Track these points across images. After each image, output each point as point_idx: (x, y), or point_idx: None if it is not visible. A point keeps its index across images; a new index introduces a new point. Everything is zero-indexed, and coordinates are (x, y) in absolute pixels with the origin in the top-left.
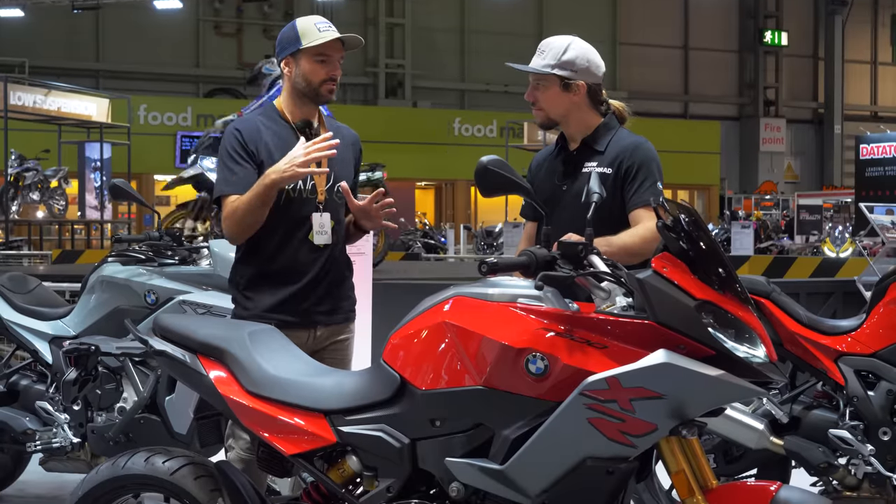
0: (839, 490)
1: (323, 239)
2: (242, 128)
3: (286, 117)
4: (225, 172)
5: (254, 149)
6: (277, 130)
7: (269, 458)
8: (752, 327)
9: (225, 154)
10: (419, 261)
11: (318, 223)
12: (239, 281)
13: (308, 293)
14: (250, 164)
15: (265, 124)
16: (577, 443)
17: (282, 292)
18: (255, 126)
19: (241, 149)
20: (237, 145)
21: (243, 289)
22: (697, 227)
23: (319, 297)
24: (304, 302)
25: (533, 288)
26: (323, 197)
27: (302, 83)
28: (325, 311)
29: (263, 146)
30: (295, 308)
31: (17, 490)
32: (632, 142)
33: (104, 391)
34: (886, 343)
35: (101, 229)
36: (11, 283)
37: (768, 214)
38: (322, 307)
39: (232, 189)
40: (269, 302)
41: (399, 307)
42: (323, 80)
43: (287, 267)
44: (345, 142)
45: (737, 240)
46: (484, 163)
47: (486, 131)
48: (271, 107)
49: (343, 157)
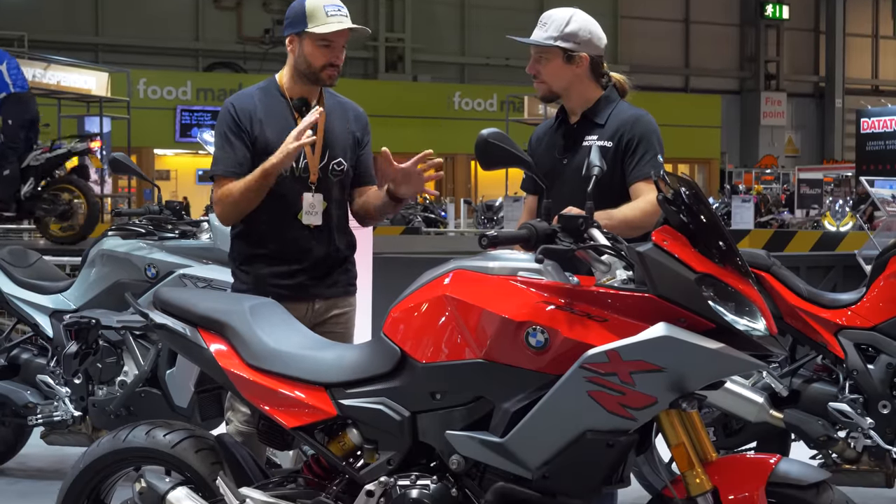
0: (838, 463)
1: (313, 219)
2: (237, 102)
3: (285, 93)
4: (218, 151)
5: (247, 124)
6: (274, 106)
7: (270, 431)
8: (752, 300)
9: (219, 131)
10: (419, 235)
11: (309, 203)
12: (236, 256)
13: (304, 269)
14: (244, 141)
15: (262, 99)
16: (577, 416)
17: (278, 267)
18: (251, 100)
19: (235, 125)
20: (231, 122)
21: (240, 263)
22: (698, 201)
23: (317, 272)
24: (301, 276)
25: (533, 261)
26: (315, 177)
27: (303, 65)
28: (323, 286)
29: (257, 121)
30: (292, 282)
31: (19, 463)
32: (632, 115)
33: (105, 365)
34: (886, 316)
35: (101, 203)
36: (12, 257)
37: (769, 188)
38: (320, 281)
39: (222, 169)
40: (265, 275)
41: (399, 281)
42: (324, 66)
43: (281, 245)
44: (345, 116)
45: (737, 214)
46: (484, 136)
47: (487, 105)
48: (272, 80)
49: (340, 132)
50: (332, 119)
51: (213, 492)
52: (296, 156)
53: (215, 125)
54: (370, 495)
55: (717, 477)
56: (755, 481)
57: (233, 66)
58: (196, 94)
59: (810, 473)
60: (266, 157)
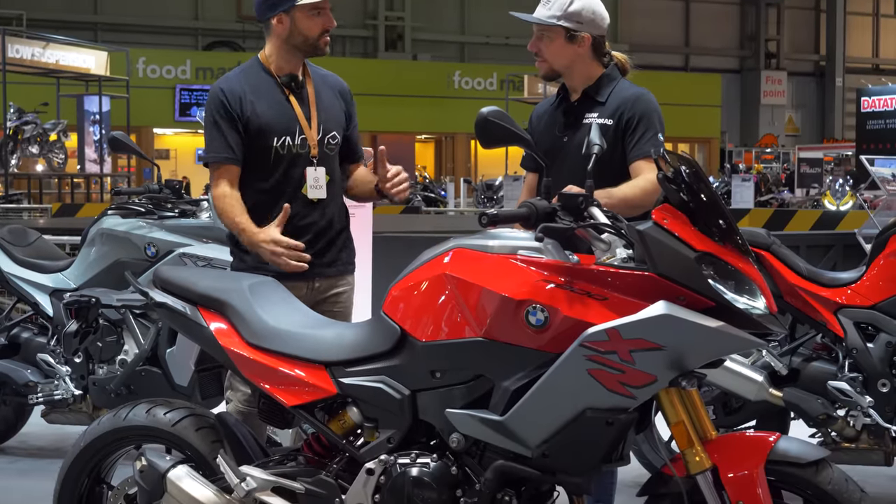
0: (838, 441)
1: (318, 193)
2: (226, 87)
3: (272, 71)
4: (208, 136)
5: (238, 106)
6: (262, 85)
7: (270, 410)
8: (752, 279)
9: (209, 117)
10: (419, 214)
11: (313, 177)
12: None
13: (305, 246)
14: (234, 125)
15: (249, 79)
16: (576, 394)
17: None
18: (239, 82)
19: (224, 110)
20: (220, 106)
21: (239, 243)
22: (698, 179)
23: (317, 249)
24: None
25: (533, 240)
26: (316, 151)
27: (299, 38)
28: (323, 263)
29: (248, 102)
30: None
31: (20, 442)
32: (633, 93)
33: (105, 343)
34: (886, 295)
35: (100, 183)
36: (11, 236)
37: (769, 167)
38: (320, 259)
39: (213, 156)
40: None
41: (399, 260)
42: (321, 34)
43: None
44: (332, 90)
45: (737, 193)
46: (484, 114)
47: (487, 84)
48: (255, 60)
49: (331, 106)
50: (322, 92)
51: (214, 470)
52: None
53: (204, 110)
54: (370, 473)
55: (716, 455)
56: (754, 459)
57: (232, 45)
58: (195, 73)
59: (809, 451)
60: (262, 136)
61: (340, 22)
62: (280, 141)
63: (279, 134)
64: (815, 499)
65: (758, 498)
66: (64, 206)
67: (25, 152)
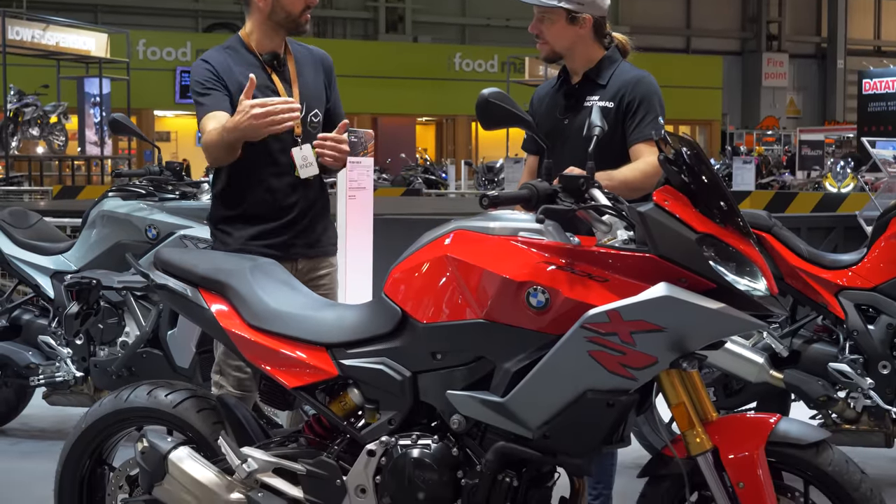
0: (838, 423)
1: (310, 171)
2: (212, 60)
3: (253, 49)
4: (199, 98)
5: (226, 79)
6: (245, 63)
7: (271, 391)
8: (753, 261)
9: (196, 84)
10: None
11: (300, 157)
12: (217, 216)
13: (288, 227)
14: (223, 89)
15: (232, 57)
16: (577, 375)
17: (261, 226)
18: (225, 60)
19: (216, 78)
20: (209, 76)
21: (221, 223)
22: (699, 161)
23: (299, 230)
24: (284, 235)
25: (534, 221)
26: (300, 129)
27: (281, 15)
28: (305, 244)
29: (234, 80)
30: (275, 241)
31: (21, 424)
32: (634, 75)
33: (106, 325)
34: (887, 277)
35: (101, 165)
36: (12, 218)
37: (770, 150)
38: (302, 240)
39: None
40: (248, 235)
41: (400, 242)
42: (303, 10)
43: (265, 202)
44: (313, 63)
45: (738, 175)
46: (485, 95)
47: (487, 66)
48: (236, 38)
49: (313, 82)
50: (305, 69)
51: (215, 451)
52: (266, 134)
53: (191, 84)
54: (371, 455)
55: (717, 436)
56: (755, 440)
57: (232, 27)
58: (196, 54)
59: (810, 433)
60: None
61: (341, 4)
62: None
63: None
64: (815, 480)
65: (758, 479)
66: (64, 189)
67: (26, 134)
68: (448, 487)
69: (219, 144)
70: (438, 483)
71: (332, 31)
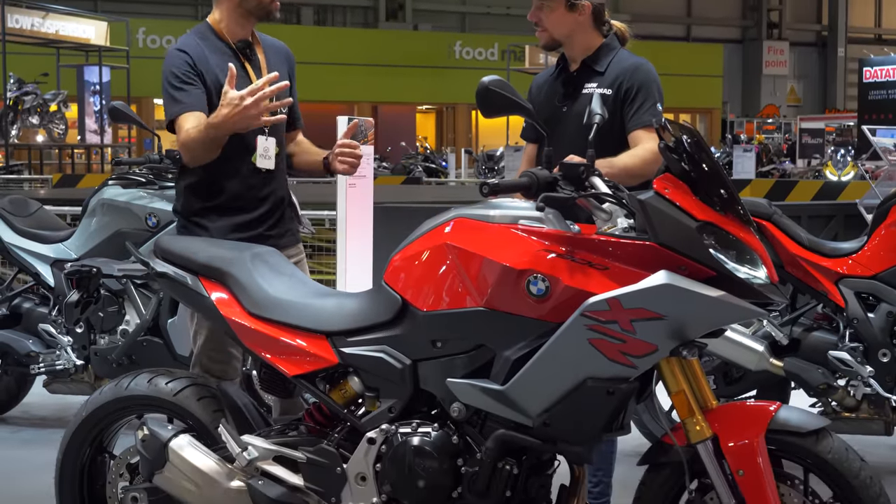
0: (838, 411)
1: (266, 163)
2: (189, 49)
3: (224, 37)
4: (175, 93)
5: (203, 70)
6: (218, 53)
7: (271, 379)
8: (753, 248)
9: (171, 76)
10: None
11: (263, 147)
12: (187, 209)
13: (263, 218)
14: (199, 85)
15: (205, 46)
16: (577, 363)
17: (235, 218)
18: (200, 48)
19: (192, 69)
20: (186, 67)
21: (193, 216)
22: (699, 149)
23: (273, 222)
24: (260, 227)
25: (534, 209)
26: None
27: (253, 2)
28: (277, 235)
29: (210, 71)
30: (252, 233)
31: (22, 412)
32: (632, 63)
33: (107, 314)
34: (887, 265)
35: (101, 153)
36: (12, 207)
37: (770, 138)
38: (273, 231)
39: (180, 110)
40: (225, 227)
41: (400, 230)
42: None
43: (237, 193)
44: (278, 56)
45: (738, 163)
46: (485, 83)
47: (488, 54)
48: (206, 25)
49: (280, 73)
50: (273, 59)
51: (216, 439)
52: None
53: (165, 73)
54: (371, 442)
55: (717, 424)
56: (755, 428)
57: None
58: None
59: (810, 421)
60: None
61: None
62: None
63: None
64: (815, 468)
65: (758, 467)
66: (64, 177)
67: (26, 123)
68: (448, 475)
69: (204, 142)
70: (438, 471)
71: (333, 20)
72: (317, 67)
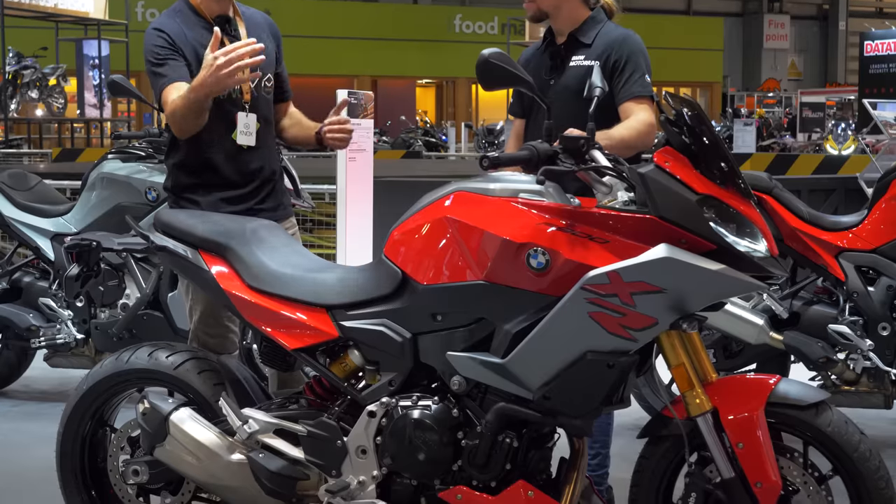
0: (838, 384)
1: (247, 140)
2: (166, 28)
3: (202, 13)
4: (156, 69)
5: (181, 46)
6: (197, 29)
7: (272, 353)
8: (753, 222)
9: (151, 54)
10: (420, 159)
11: (243, 123)
12: (181, 185)
13: (251, 193)
14: (180, 58)
15: (184, 23)
16: (577, 337)
17: (223, 193)
18: (177, 25)
19: (172, 46)
20: (163, 42)
21: (183, 191)
22: (700, 122)
23: (261, 195)
24: (249, 200)
25: (534, 183)
26: (249, 96)
27: None
28: (269, 209)
29: (188, 45)
30: (244, 206)
31: (23, 386)
32: (619, 34)
33: (107, 287)
34: (887, 239)
35: (100, 128)
36: (12, 181)
37: (771, 112)
38: (264, 204)
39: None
40: (211, 202)
41: (400, 204)
42: None
43: (222, 169)
44: (261, 28)
45: (739, 137)
46: (485, 56)
47: (487, 28)
48: (183, 3)
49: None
50: (255, 32)
51: (216, 412)
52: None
53: (145, 54)
54: (372, 416)
55: (716, 397)
56: (755, 401)
57: None
58: None
59: (809, 393)
60: None
61: None
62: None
63: None
64: (814, 441)
65: (757, 440)
66: (64, 151)
67: (25, 97)
68: (448, 448)
69: (187, 109)
70: (439, 444)
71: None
72: (317, 41)
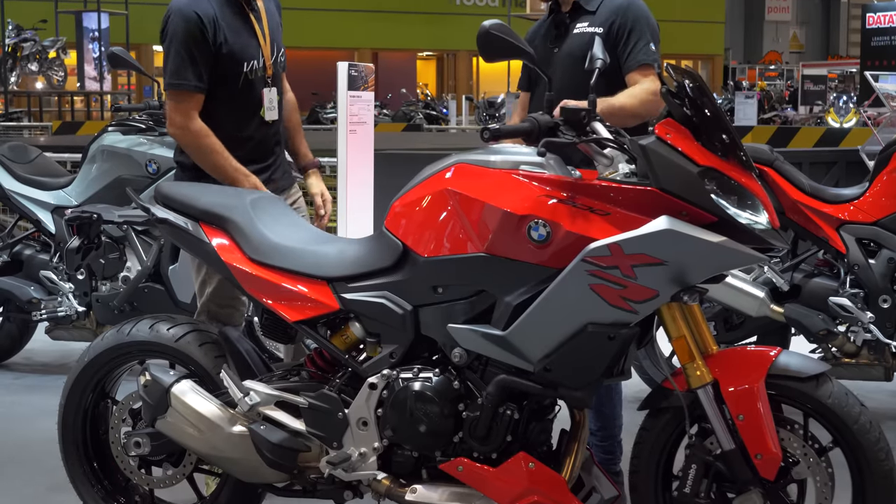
0: (838, 357)
1: (272, 115)
2: (201, 11)
3: None
4: (179, 61)
5: (212, 34)
6: (227, 7)
7: (273, 325)
8: (754, 194)
9: (182, 41)
10: (421, 132)
11: (268, 98)
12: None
13: (269, 165)
14: (209, 54)
15: (215, 3)
16: (578, 309)
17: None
18: (210, 6)
19: (202, 36)
20: (198, 33)
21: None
22: (702, 94)
23: (276, 166)
24: (266, 172)
25: (535, 155)
26: (271, 71)
27: None
28: (281, 177)
29: (221, 29)
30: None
31: (24, 358)
32: (623, 1)
33: (108, 260)
34: (888, 211)
35: (100, 100)
36: (12, 154)
37: (772, 85)
38: (278, 174)
39: (187, 84)
40: None
41: (401, 177)
42: None
43: (253, 148)
44: (273, 4)
45: (740, 110)
46: (486, 27)
47: (488, 0)
48: None
49: (274, 20)
50: (269, 8)
51: (217, 385)
52: None
53: (172, 32)
54: (373, 388)
55: (717, 369)
56: (755, 373)
57: None
58: None
59: (810, 365)
60: (234, 63)
61: None
62: (249, 65)
63: (248, 58)
64: (814, 412)
65: (758, 412)
66: (64, 124)
67: (25, 70)
68: (449, 420)
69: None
70: (440, 415)
71: None
72: (318, 14)
